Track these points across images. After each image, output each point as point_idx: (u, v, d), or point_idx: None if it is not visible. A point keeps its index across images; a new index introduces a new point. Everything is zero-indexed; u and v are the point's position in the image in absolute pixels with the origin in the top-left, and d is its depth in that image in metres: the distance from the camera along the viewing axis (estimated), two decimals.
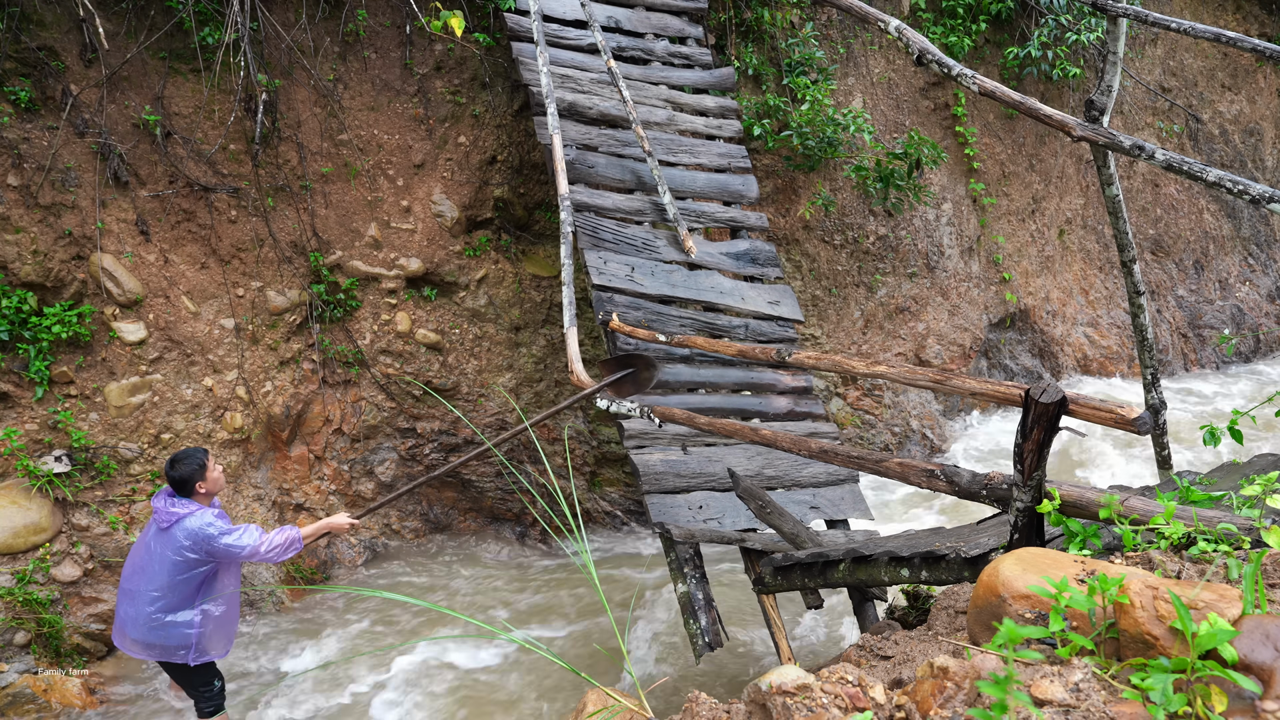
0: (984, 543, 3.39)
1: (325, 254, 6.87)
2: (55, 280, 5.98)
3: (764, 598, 4.97)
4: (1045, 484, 2.83)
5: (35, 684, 5.39)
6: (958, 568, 3.40)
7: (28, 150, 5.88)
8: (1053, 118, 4.86)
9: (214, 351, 6.49)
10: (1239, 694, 1.70)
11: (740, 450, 5.98)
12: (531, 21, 6.85)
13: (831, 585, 4.34)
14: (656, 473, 5.62)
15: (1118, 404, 2.68)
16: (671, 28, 7.74)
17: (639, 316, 6.21)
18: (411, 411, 7.22)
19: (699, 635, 4.80)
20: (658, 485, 5.57)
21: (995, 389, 3.02)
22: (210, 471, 4.55)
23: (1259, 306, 12.04)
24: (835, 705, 1.85)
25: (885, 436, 8.72)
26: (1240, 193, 4.02)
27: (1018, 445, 2.77)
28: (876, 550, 3.97)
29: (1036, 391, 2.68)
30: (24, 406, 5.89)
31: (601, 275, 6.24)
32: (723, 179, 7.24)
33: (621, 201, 6.76)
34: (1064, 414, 2.70)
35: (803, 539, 4.72)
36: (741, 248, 7.03)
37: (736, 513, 5.52)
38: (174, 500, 4.52)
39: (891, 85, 9.17)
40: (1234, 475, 4.20)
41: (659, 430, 5.75)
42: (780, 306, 6.86)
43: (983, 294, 9.67)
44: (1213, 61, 11.70)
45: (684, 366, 6.26)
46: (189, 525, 4.40)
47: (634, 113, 6.78)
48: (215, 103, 6.44)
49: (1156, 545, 2.43)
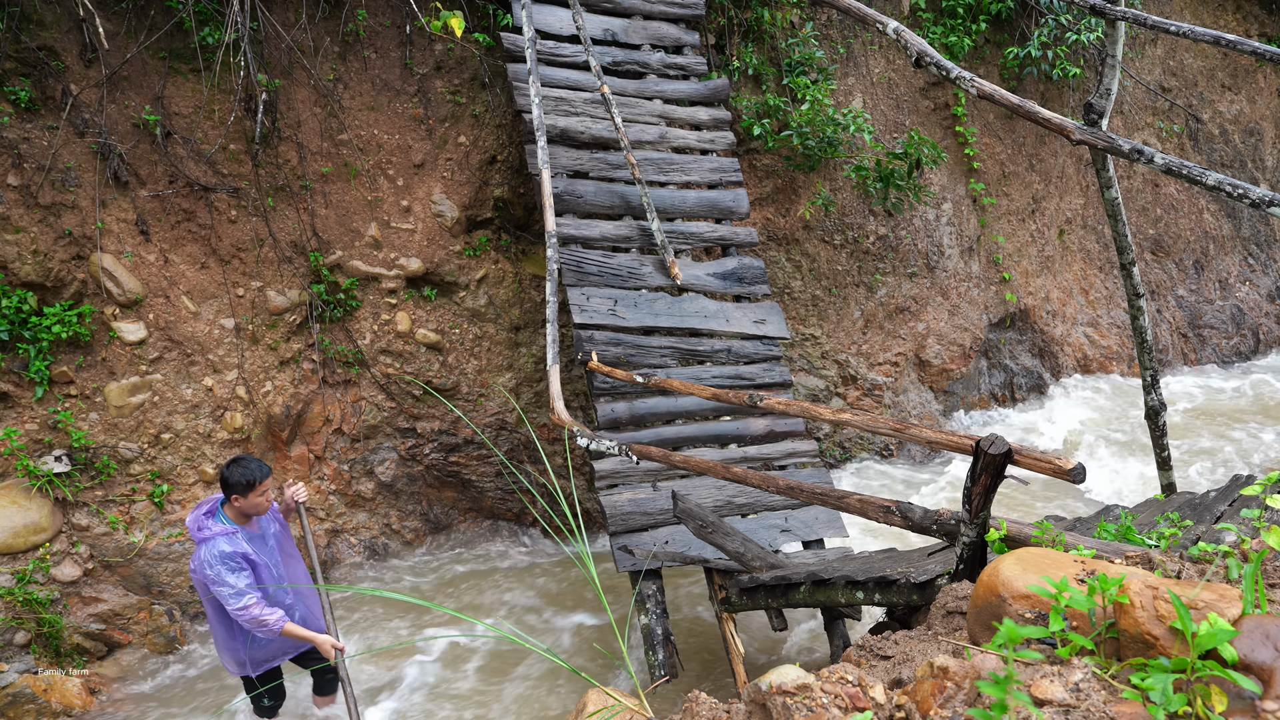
0: (931, 569, 3.66)
1: (325, 254, 6.87)
2: (55, 280, 5.98)
3: (725, 621, 5.19)
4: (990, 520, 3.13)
5: (35, 684, 5.39)
6: (907, 591, 3.70)
7: (28, 150, 5.88)
8: (1051, 121, 4.86)
9: (214, 351, 6.49)
10: (1239, 694, 1.71)
11: (711, 480, 6.05)
12: (526, 47, 6.79)
13: (793, 605, 4.65)
14: (624, 513, 5.76)
15: (1056, 456, 2.91)
16: (668, 37, 7.68)
17: (619, 353, 6.33)
18: (411, 411, 7.22)
19: (657, 667, 5.34)
20: (624, 525, 5.73)
21: (949, 439, 3.26)
22: (254, 494, 4.35)
23: (1259, 306, 12.05)
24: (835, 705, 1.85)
25: (884, 436, 8.71)
26: (1240, 197, 4.02)
27: (967, 489, 3.08)
28: (834, 574, 4.28)
29: (986, 444, 2.99)
30: (24, 406, 5.89)
31: (584, 313, 6.35)
32: (714, 196, 7.26)
33: (609, 229, 6.81)
34: (1009, 464, 2.98)
35: (751, 558, 4.91)
36: (729, 266, 7.08)
37: (704, 545, 5.59)
38: (208, 516, 4.41)
39: (891, 85, 9.17)
40: (1154, 510, 4.64)
41: (631, 468, 5.90)
42: (766, 325, 6.92)
43: (983, 294, 9.67)
44: (1213, 61, 11.70)
45: (661, 398, 6.36)
46: (199, 553, 4.33)
47: (625, 139, 6.80)
48: (215, 103, 6.44)
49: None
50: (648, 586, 5.56)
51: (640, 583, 5.50)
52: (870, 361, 8.86)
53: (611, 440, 5.11)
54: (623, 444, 4.98)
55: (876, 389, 8.82)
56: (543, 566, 7.13)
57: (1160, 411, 6.57)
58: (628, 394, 6.27)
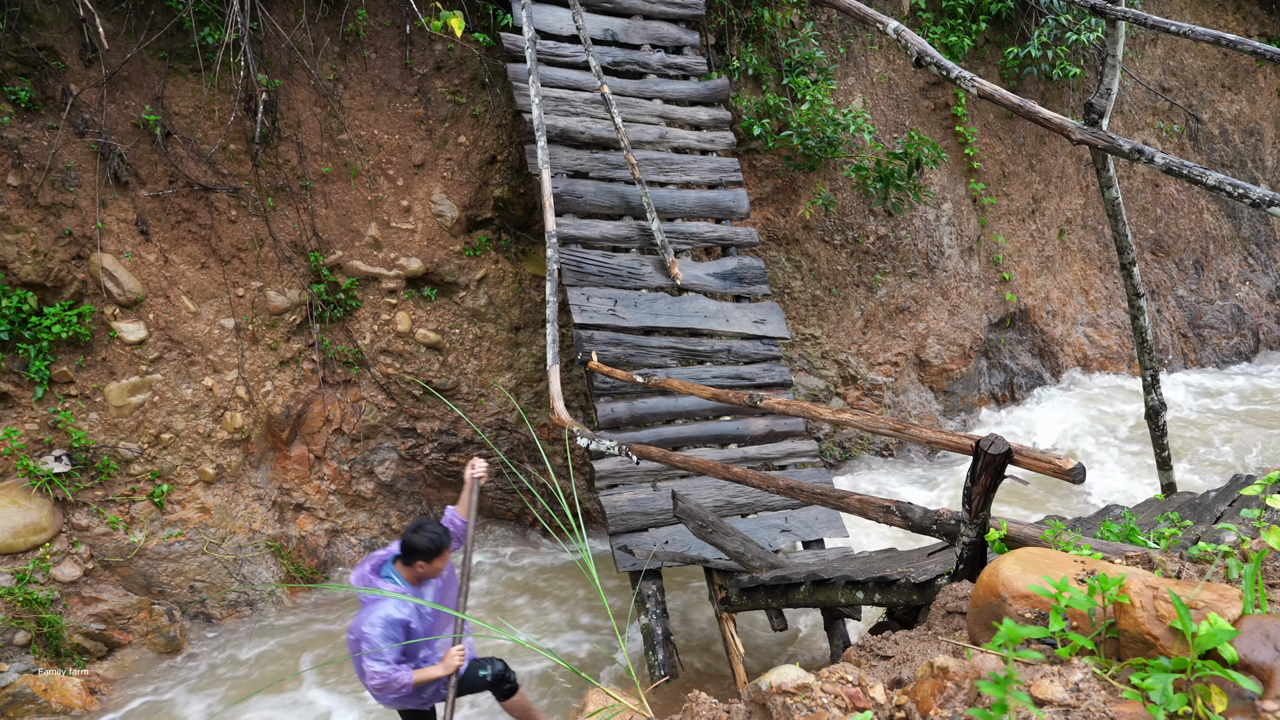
0: (931, 569, 3.66)
1: (325, 254, 6.87)
2: (55, 280, 5.97)
3: (725, 621, 5.19)
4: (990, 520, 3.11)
5: (35, 684, 5.39)
6: (907, 591, 3.69)
7: (28, 150, 5.88)
8: (1052, 121, 4.86)
9: (214, 351, 6.49)
10: (1239, 694, 1.71)
11: (711, 480, 6.05)
12: (526, 47, 6.79)
13: (794, 605, 4.64)
14: (624, 513, 5.76)
15: (1056, 456, 2.91)
16: (668, 37, 7.68)
17: (619, 353, 6.34)
18: (411, 411, 7.22)
19: (657, 667, 5.35)
20: (624, 525, 5.73)
21: (949, 439, 3.25)
22: (439, 560, 4.20)
23: (1259, 306, 12.04)
24: (835, 705, 1.85)
25: (884, 436, 8.72)
26: (1240, 196, 4.02)
27: (967, 489, 3.07)
28: (834, 574, 4.28)
29: (986, 444, 2.97)
30: (24, 406, 5.89)
31: (584, 313, 6.35)
32: (713, 196, 7.26)
33: (609, 229, 6.81)
34: (1009, 464, 2.97)
35: (751, 558, 4.90)
36: (729, 266, 7.08)
37: (704, 545, 5.59)
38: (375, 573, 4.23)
39: (891, 85, 9.17)
40: (1154, 510, 4.65)
41: (631, 468, 5.90)
42: (766, 325, 6.93)
43: (983, 294, 9.67)
44: (1213, 61, 11.70)
45: (661, 398, 6.36)
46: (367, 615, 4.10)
47: (625, 139, 6.80)
48: (215, 103, 6.44)
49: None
50: (648, 586, 5.57)
51: (640, 583, 5.51)
52: (870, 361, 8.86)
53: (611, 440, 5.12)
54: (623, 444, 4.99)
55: (876, 389, 8.82)
56: (543, 566, 7.13)
57: (1160, 411, 6.57)
58: (628, 394, 6.27)
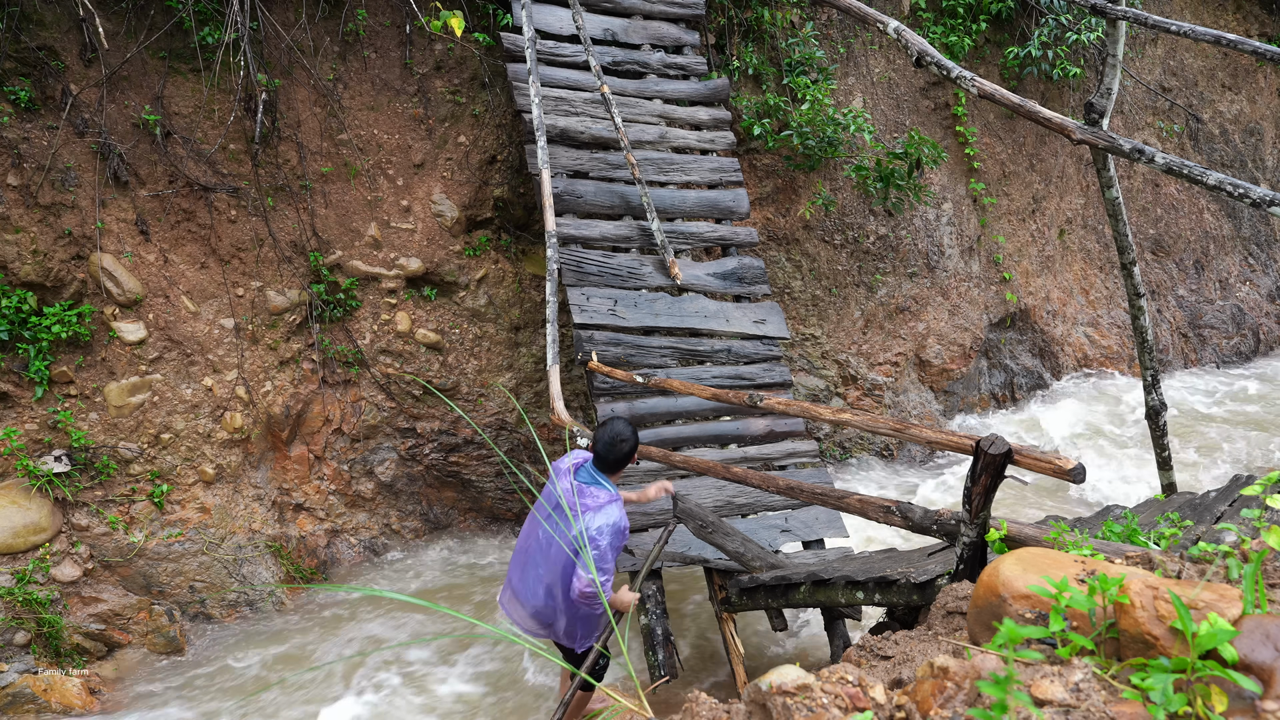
0: (931, 569, 3.66)
1: (325, 254, 6.87)
2: (55, 280, 5.97)
3: (725, 621, 5.18)
4: (990, 520, 3.11)
5: (35, 684, 5.39)
6: (908, 591, 3.69)
7: (28, 150, 5.88)
8: (1052, 121, 4.86)
9: (214, 351, 6.49)
10: (1239, 694, 1.70)
11: (711, 480, 6.04)
12: (526, 47, 6.78)
13: (794, 606, 4.63)
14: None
15: (1056, 456, 2.90)
16: (668, 37, 7.68)
17: (619, 353, 6.33)
18: (411, 411, 7.22)
19: (657, 667, 5.29)
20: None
21: (949, 439, 3.25)
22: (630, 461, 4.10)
23: (1259, 306, 12.04)
24: (835, 705, 1.84)
25: (884, 436, 8.71)
26: (1241, 196, 4.02)
27: (967, 489, 3.06)
28: (834, 574, 4.27)
29: (986, 444, 2.97)
30: (24, 406, 5.88)
31: (583, 313, 6.34)
32: (714, 196, 7.26)
33: (609, 229, 6.80)
34: (1009, 464, 2.97)
35: (751, 558, 4.89)
36: (729, 266, 7.07)
37: (703, 546, 5.58)
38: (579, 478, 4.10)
39: (891, 85, 9.16)
40: (1155, 510, 4.64)
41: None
42: (766, 325, 6.92)
43: (983, 294, 9.67)
44: (1213, 61, 11.70)
45: (661, 398, 6.35)
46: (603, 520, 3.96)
47: (625, 138, 6.80)
48: (215, 102, 6.44)
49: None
50: (647, 587, 5.55)
51: (640, 583, 5.50)
52: (870, 361, 8.86)
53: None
54: None
55: (877, 389, 8.81)
56: None
57: (1161, 411, 6.57)
58: (628, 394, 6.27)
